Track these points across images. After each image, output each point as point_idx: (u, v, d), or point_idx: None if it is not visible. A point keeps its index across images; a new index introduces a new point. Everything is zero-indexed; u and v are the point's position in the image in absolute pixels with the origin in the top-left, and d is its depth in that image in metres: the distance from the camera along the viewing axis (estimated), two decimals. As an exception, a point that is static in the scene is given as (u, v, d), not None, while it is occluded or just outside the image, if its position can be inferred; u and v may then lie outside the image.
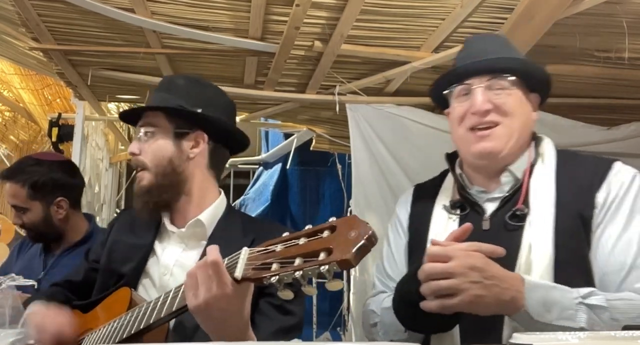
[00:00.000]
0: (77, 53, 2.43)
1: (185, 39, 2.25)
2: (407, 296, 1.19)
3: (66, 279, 1.58)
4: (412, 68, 2.36)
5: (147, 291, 1.40)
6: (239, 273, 0.98)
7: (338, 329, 3.46)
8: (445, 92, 1.37)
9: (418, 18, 2.09)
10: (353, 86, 2.58)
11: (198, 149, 1.46)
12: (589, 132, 2.71)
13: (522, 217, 1.23)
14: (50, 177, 2.16)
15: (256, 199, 4.17)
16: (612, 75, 2.44)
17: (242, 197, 4.37)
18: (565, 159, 1.31)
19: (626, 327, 0.93)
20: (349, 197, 2.71)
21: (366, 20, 2.09)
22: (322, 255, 0.87)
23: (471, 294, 1.05)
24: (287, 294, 0.93)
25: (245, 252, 1.01)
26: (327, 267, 0.85)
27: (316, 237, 0.91)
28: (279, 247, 0.95)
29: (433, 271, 1.09)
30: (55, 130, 3.28)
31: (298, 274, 0.88)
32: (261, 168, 4.42)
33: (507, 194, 1.28)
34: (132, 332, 1.16)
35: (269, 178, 4.15)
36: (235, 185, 4.68)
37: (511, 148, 1.28)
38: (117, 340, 1.19)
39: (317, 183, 3.92)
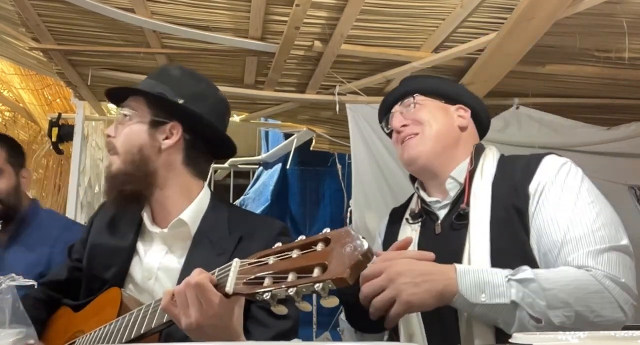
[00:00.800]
0: (77, 53, 2.43)
1: (185, 39, 2.25)
2: (344, 298, 1.27)
3: (51, 279, 1.53)
4: (412, 68, 2.36)
5: (133, 294, 1.36)
6: (229, 288, 0.96)
7: (338, 329, 3.45)
8: (381, 124, 1.59)
9: (418, 18, 2.09)
10: (353, 86, 2.58)
11: (170, 140, 1.37)
12: (589, 132, 2.71)
13: (464, 216, 1.32)
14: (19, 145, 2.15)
15: (256, 199, 4.16)
16: (612, 75, 2.44)
17: (242, 197, 4.37)
18: (505, 161, 1.41)
19: (626, 327, 0.93)
20: (349, 197, 2.71)
21: (366, 20, 2.10)
22: (316, 272, 0.84)
23: (405, 294, 1.14)
24: (281, 309, 0.90)
25: (236, 264, 0.98)
26: (321, 285, 0.82)
27: (310, 249, 0.88)
28: (271, 260, 0.92)
29: (369, 291, 1.18)
30: (55, 130, 3.27)
31: (292, 291, 0.85)
32: (261, 168, 4.42)
33: (453, 199, 1.39)
34: (124, 341, 1.14)
35: (269, 178, 4.15)
36: (235, 185, 4.67)
37: (432, 150, 1.41)
38: None
39: (317, 183, 3.92)
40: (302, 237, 0.93)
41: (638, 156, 2.66)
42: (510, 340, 0.75)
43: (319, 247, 0.87)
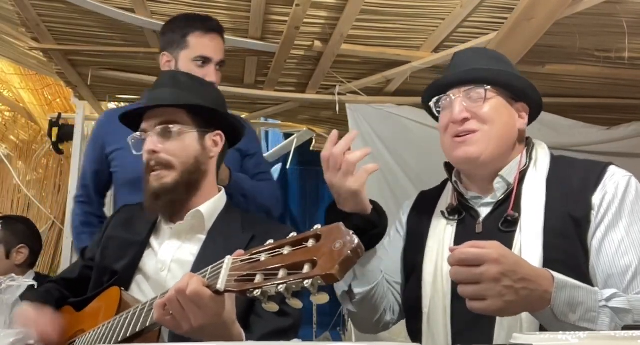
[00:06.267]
0: (77, 53, 2.44)
1: (185, 39, 2.25)
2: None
3: (62, 277, 1.56)
4: (412, 68, 2.36)
5: (140, 288, 1.38)
6: (221, 285, 0.96)
7: (338, 329, 3.46)
8: (430, 104, 1.41)
9: (418, 18, 2.10)
10: (353, 86, 2.58)
11: (218, 148, 1.45)
12: (589, 132, 2.71)
13: (513, 222, 1.25)
14: None
15: (256, 199, 4.16)
16: (612, 75, 2.45)
17: (242, 197, 4.37)
18: (559, 164, 1.33)
19: (626, 327, 0.93)
20: (349, 197, 2.71)
21: (366, 20, 2.10)
22: (306, 268, 0.83)
23: (501, 301, 1.02)
24: (272, 307, 0.89)
25: (228, 261, 0.98)
26: (310, 281, 0.81)
27: (301, 246, 0.88)
28: (263, 257, 0.91)
29: (462, 278, 1.04)
30: (55, 130, 3.28)
31: (281, 287, 0.84)
32: (261, 168, 4.42)
33: (499, 199, 1.31)
34: (120, 339, 1.14)
35: (269, 178, 4.15)
36: (236, 185, 4.67)
37: (491, 153, 1.30)
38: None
39: (317, 183, 3.92)
40: (293, 234, 0.92)
41: (638, 156, 2.66)
42: (510, 341, 0.75)
43: (310, 243, 0.87)
